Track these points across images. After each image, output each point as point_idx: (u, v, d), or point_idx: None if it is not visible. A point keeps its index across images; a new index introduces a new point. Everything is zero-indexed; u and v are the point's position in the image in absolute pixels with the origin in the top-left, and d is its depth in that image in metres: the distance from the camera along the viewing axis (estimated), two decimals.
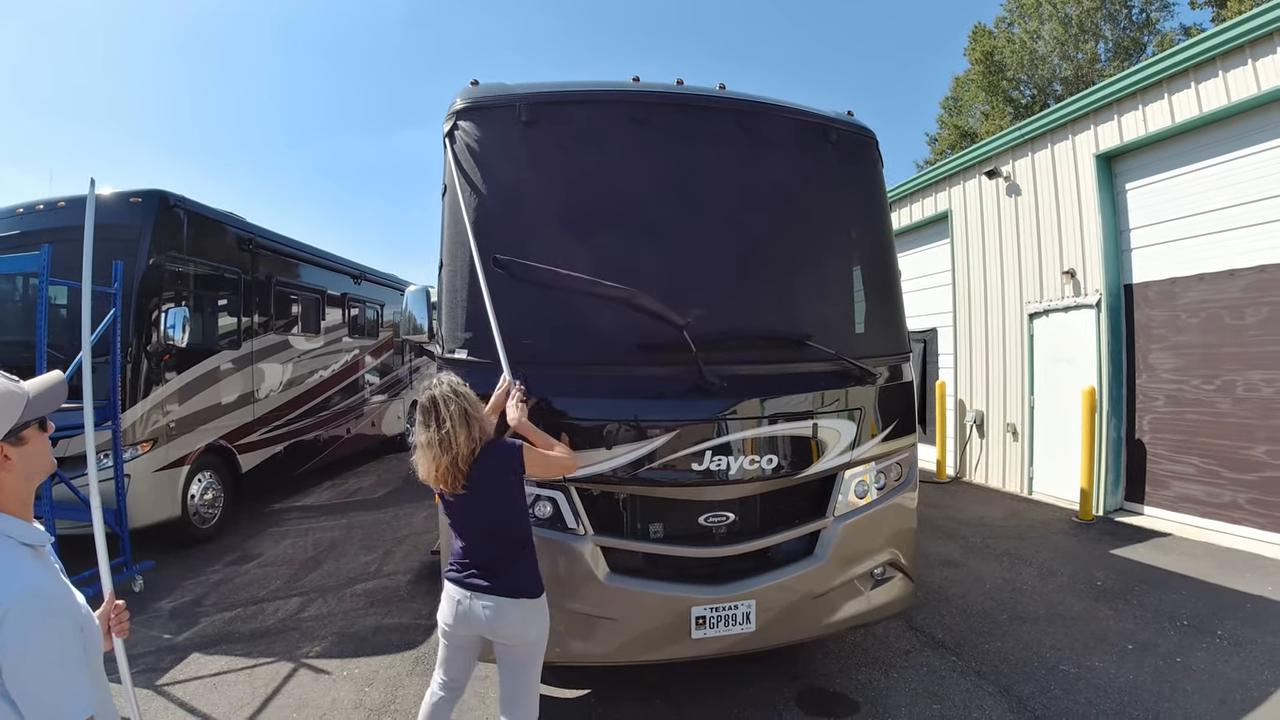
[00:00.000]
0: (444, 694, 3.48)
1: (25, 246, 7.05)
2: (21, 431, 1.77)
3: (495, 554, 3.24)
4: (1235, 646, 5.34)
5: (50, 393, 1.86)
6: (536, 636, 3.28)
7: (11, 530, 1.73)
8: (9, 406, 1.74)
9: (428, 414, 3.18)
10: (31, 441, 1.80)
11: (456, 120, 4.40)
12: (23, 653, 1.58)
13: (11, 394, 1.76)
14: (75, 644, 1.71)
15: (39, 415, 1.82)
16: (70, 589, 1.82)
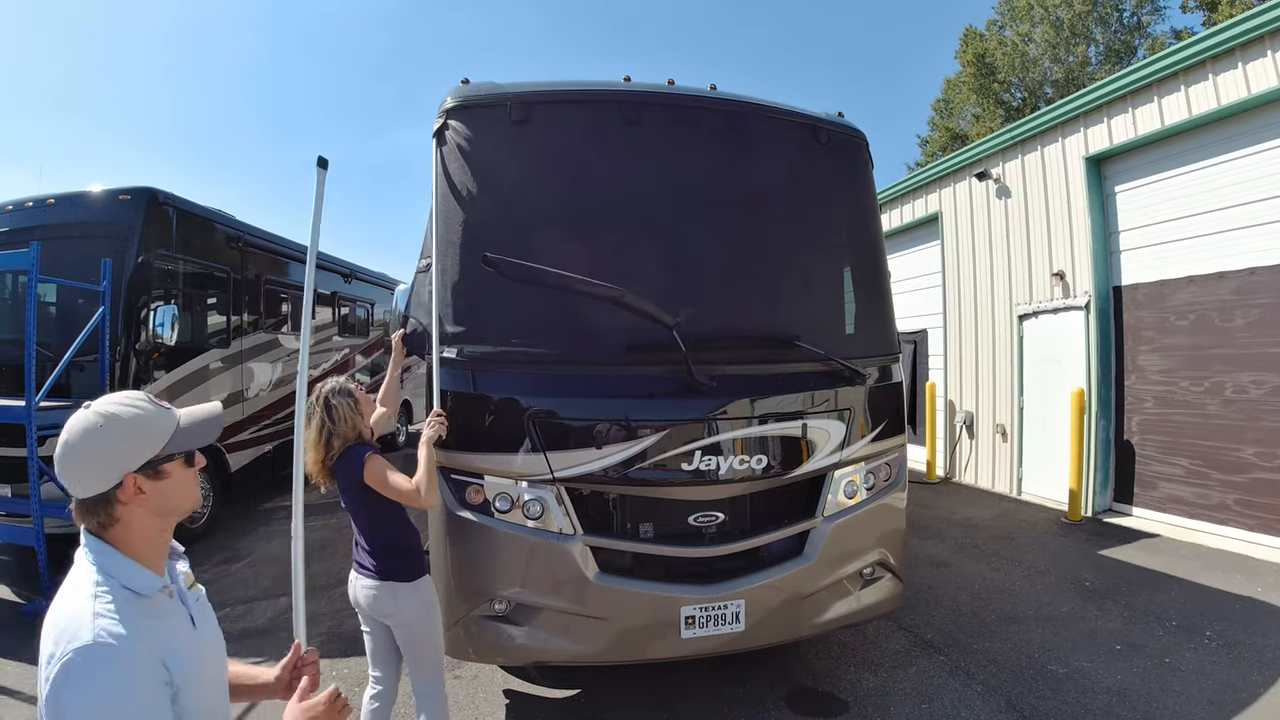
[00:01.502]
0: (380, 689, 3.63)
1: (15, 244, 7.02)
2: (163, 464, 1.62)
3: (373, 543, 3.46)
4: (1224, 647, 5.36)
5: (205, 425, 1.74)
6: (411, 619, 3.45)
7: (115, 570, 1.53)
8: (152, 435, 1.61)
9: (307, 415, 3.44)
10: (173, 476, 1.64)
11: (447, 119, 4.38)
12: (86, 708, 1.38)
13: (156, 421, 1.63)
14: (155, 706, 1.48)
15: (185, 449, 1.68)
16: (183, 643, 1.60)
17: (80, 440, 1.52)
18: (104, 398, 1.60)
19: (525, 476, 3.94)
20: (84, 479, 1.53)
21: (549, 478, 3.92)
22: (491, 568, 3.98)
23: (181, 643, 1.59)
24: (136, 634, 1.46)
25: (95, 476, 1.53)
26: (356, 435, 3.48)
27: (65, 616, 1.44)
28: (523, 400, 4.04)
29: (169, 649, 1.53)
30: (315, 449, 3.43)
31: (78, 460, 1.53)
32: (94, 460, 1.53)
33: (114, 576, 1.52)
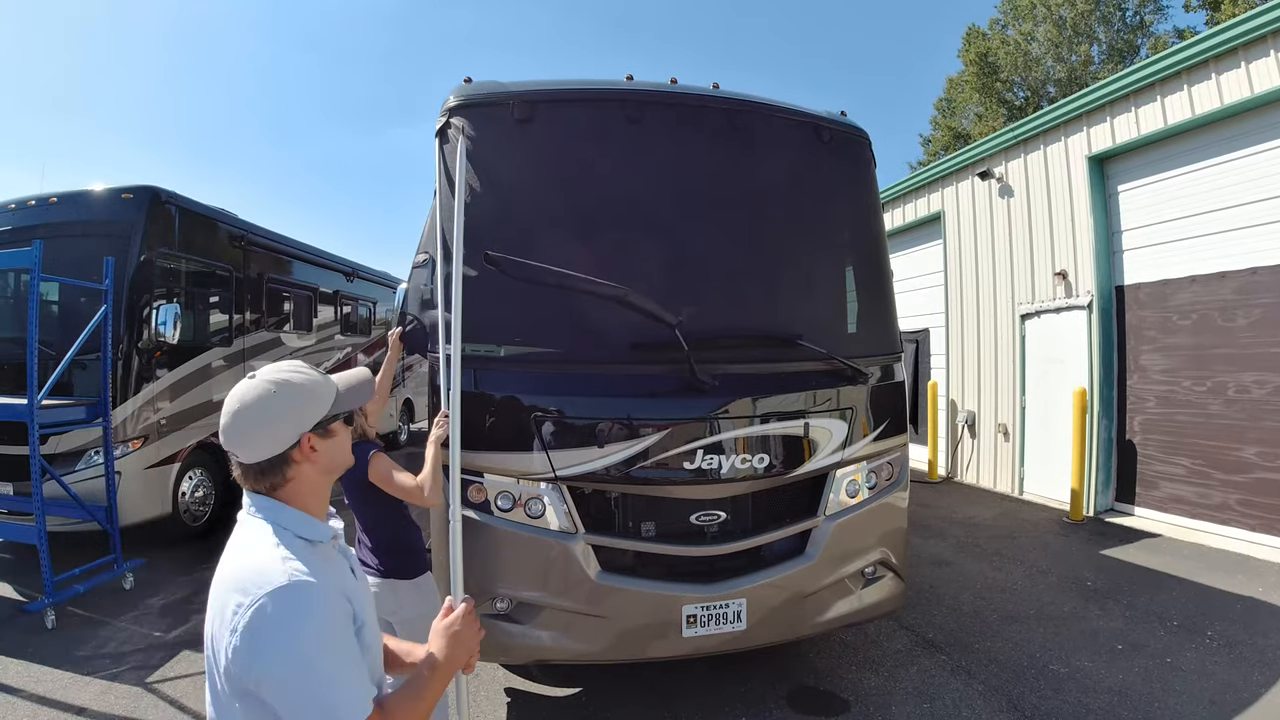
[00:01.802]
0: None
1: (17, 243, 7.03)
2: (330, 424, 1.75)
3: (375, 541, 3.52)
4: (1225, 647, 5.36)
5: (360, 387, 1.86)
6: (412, 616, 3.47)
7: (289, 523, 1.64)
8: (321, 397, 1.73)
9: None
10: (338, 435, 1.79)
11: (450, 117, 4.38)
12: (279, 652, 1.43)
13: (322, 384, 1.75)
14: (348, 638, 1.57)
15: (346, 410, 1.80)
16: (353, 587, 1.71)
17: (259, 406, 1.62)
18: (267, 368, 1.70)
19: (527, 475, 3.94)
20: (264, 442, 1.63)
21: (551, 476, 3.92)
22: (493, 566, 3.97)
23: (351, 586, 1.70)
24: (321, 573, 1.55)
25: (275, 439, 1.64)
26: (360, 434, 3.49)
27: (249, 567, 1.52)
28: (525, 399, 4.04)
29: (347, 588, 1.64)
30: None
31: (258, 425, 1.63)
32: (275, 423, 1.64)
33: (288, 529, 1.63)
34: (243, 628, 1.42)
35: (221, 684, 1.49)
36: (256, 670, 1.42)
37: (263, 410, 1.62)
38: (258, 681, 1.43)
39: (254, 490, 1.67)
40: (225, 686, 1.49)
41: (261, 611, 1.42)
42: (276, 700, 1.43)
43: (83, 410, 6.91)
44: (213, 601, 1.54)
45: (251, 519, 1.65)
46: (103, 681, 5.07)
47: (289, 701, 1.44)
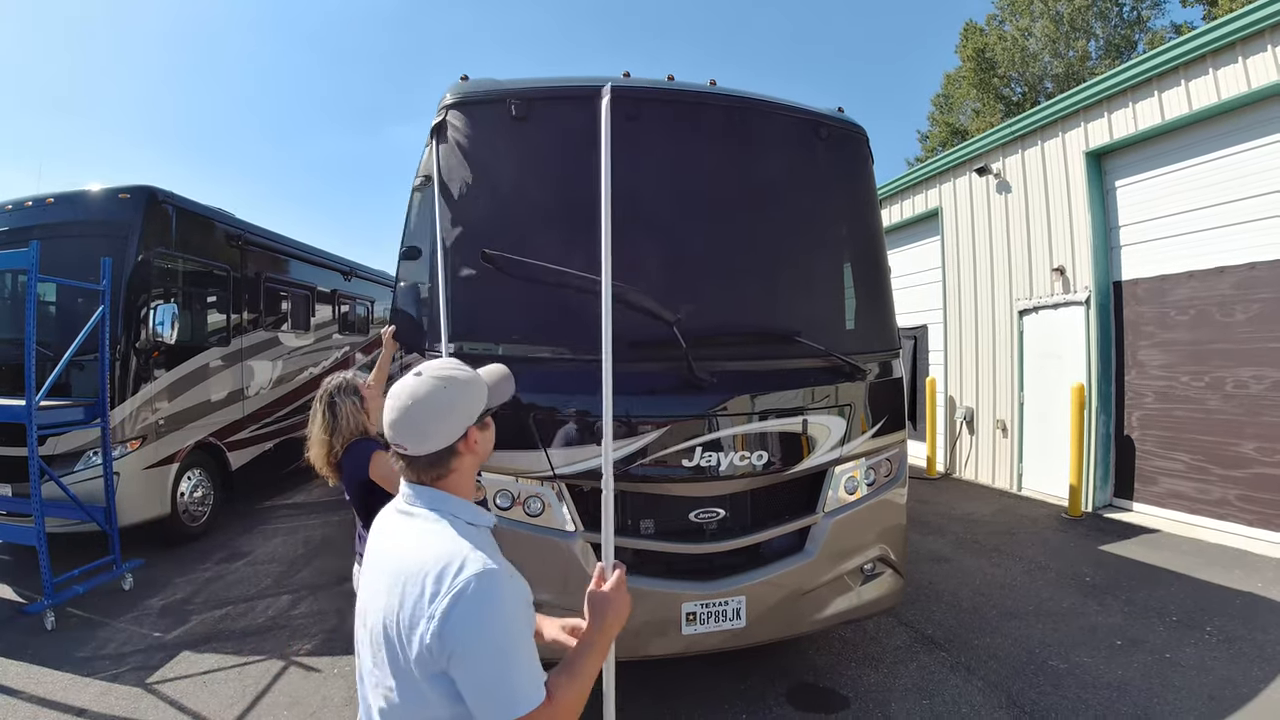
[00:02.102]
0: None
1: (14, 243, 7.02)
2: (485, 416, 1.84)
3: None
4: (1224, 643, 5.37)
5: (506, 382, 1.96)
6: None
7: (459, 512, 1.73)
8: (480, 391, 1.82)
9: (315, 408, 3.49)
10: (490, 427, 1.89)
11: (447, 115, 4.38)
12: (478, 634, 1.50)
13: (477, 379, 1.85)
14: (530, 622, 1.67)
15: (497, 404, 1.89)
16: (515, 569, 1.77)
17: (432, 400, 1.71)
18: (430, 364, 1.80)
19: (525, 473, 3.95)
20: (435, 435, 1.71)
21: (549, 474, 3.93)
22: None
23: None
24: (499, 558, 1.66)
25: (447, 432, 1.72)
26: (361, 432, 3.48)
27: (437, 556, 1.58)
28: (522, 396, 4.03)
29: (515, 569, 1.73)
30: (319, 444, 3.45)
31: (431, 419, 1.71)
32: (449, 417, 1.73)
33: (459, 517, 1.71)
34: (442, 612, 1.49)
35: (409, 667, 1.55)
36: (456, 650, 1.49)
37: (436, 405, 1.71)
38: (452, 661, 1.50)
39: (418, 482, 1.76)
40: (414, 670, 1.54)
41: (462, 596, 1.50)
42: (466, 679, 1.51)
43: (81, 411, 6.91)
44: (389, 591, 1.60)
45: (417, 509, 1.73)
46: (103, 682, 5.07)
47: (478, 681, 1.51)
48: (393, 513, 1.80)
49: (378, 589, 1.65)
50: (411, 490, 1.76)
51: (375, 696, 1.65)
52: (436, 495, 1.74)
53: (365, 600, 1.72)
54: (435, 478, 1.75)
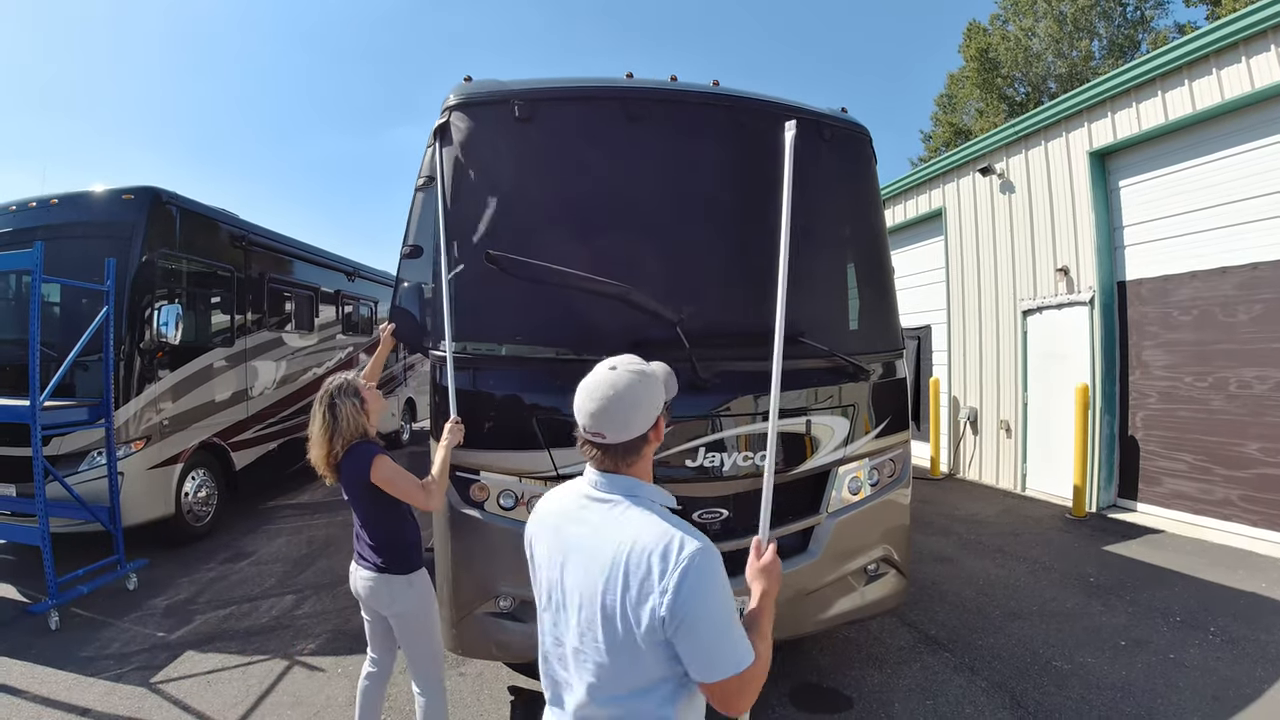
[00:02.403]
0: (374, 670, 3.80)
1: (18, 244, 7.03)
2: (665, 407, 1.96)
3: (373, 537, 3.53)
4: (1228, 643, 5.36)
5: (670, 379, 2.03)
6: (404, 610, 3.54)
7: (653, 495, 1.88)
8: (662, 383, 1.95)
9: (315, 408, 3.51)
10: (666, 416, 1.97)
11: (451, 116, 4.39)
12: (704, 604, 1.66)
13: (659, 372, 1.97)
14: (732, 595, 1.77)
15: (671, 396, 2.00)
16: None
17: (631, 392, 1.84)
18: (619, 360, 1.93)
19: (529, 474, 3.95)
20: (633, 424, 1.85)
21: (553, 474, 3.92)
22: (495, 565, 3.98)
23: None
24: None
25: (643, 420, 1.86)
26: (361, 434, 3.49)
27: (655, 536, 1.72)
28: (526, 397, 4.05)
29: None
30: (319, 445, 3.46)
31: (633, 409, 1.84)
32: (645, 407, 1.86)
33: (654, 500, 1.87)
34: (674, 587, 1.64)
35: (634, 637, 1.69)
36: (685, 619, 1.64)
37: (635, 395, 1.84)
38: (680, 629, 1.65)
39: (610, 470, 1.89)
40: (640, 640, 1.68)
41: (689, 571, 1.64)
42: (692, 644, 1.67)
43: (85, 411, 6.92)
44: (604, 573, 1.73)
45: (612, 495, 1.86)
46: (107, 682, 5.08)
47: (704, 645, 1.68)
48: (575, 497, 1.93)
49: (585, 571, 1.78)
50: (604, 477, 1.88)
51: (582, 670, 1.78)
52: (630, 481, 1.88)
53: (567, 583, 1.84)
54: (626, 464, 1.88)
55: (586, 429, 1.86)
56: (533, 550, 2.06)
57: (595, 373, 1.90)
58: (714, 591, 1.69)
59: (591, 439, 1.87)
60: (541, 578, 1.97)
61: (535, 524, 2.06)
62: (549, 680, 1.94)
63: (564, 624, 1.84)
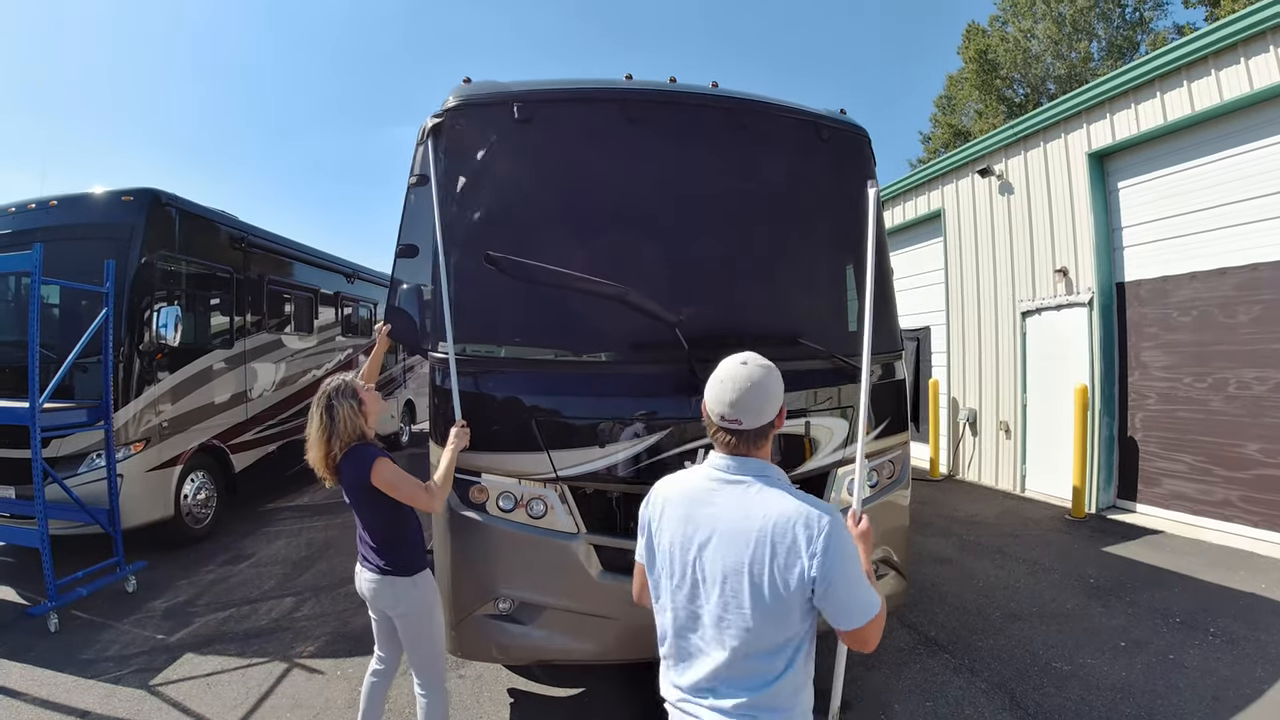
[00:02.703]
0: (380, 667, 3.84)
1: (17, 246, 7.02)
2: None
3: (375, 537, 3.54)
4: (1228, 644, 5.36)
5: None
6: (408, 611, 3.56)
7: (779, 475, 2.09)
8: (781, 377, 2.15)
9: (312, 410, 3.51)
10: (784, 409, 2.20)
11: (451, 117, 4.38)
12: (844, 564, 1.92)
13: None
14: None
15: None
16: None
17: (764, 384, 2.06)
18: (749, 355, 2.14)
19: (528, 475, 3.95)
20: (766, 412, 2.05)
21: (552, 476, 3.93)
22: (495, 567, 3.98)
23: None
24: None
25: (772, 408, 2.07)
26: (359, 436, 3.49)
27: (795, 509, 1.94)
28: (525, 399, 4.05)
29: None
30: (317, 447, 3.46)
31: (766, 399, 2.05)
32: (774, 397, 2.08)
33: (781, 478, 2.08)
34: (821, 550, 1.88)
35: (781, 599, 1.92)
36: (831, 579, 1.91)
37: (767, 387, 2.06)
38: (826, 588, 1.92)
39: (741, 454, 2.08)
40: (789, 600, 1.93)
41: (831, 537, 1.89)
42: (835, 599, 1.95)
43: (84, 413, 6.91)
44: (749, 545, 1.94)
45: (744, 477, 2.05)
46: (106, 685, 5.08)
47: (845, 599, 1.96)
48: (703, 482, 2.11)
49: (730, 547, 1.97)
50: (735, 461, 2.07)
51: (724, 636, 1.98)
52: (760, 464, 2.07)
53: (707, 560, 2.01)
54: (757, 448, 2.08)
55: (725, 417, 2.06)
56: (656, 535, 2.18)
57: (727, 368, 2.11)
58: (851, 552, 1.96)
59: (729, 426, 2.06)
60: (674, 560, 2.10)
61: (658, 510, 2.20)
62: (677, 651, 2.12)
63: (703, 598, 2.01)
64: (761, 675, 2.00)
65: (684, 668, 2.10)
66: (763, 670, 2.00)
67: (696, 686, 2.05)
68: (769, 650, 1.99)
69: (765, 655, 1.99)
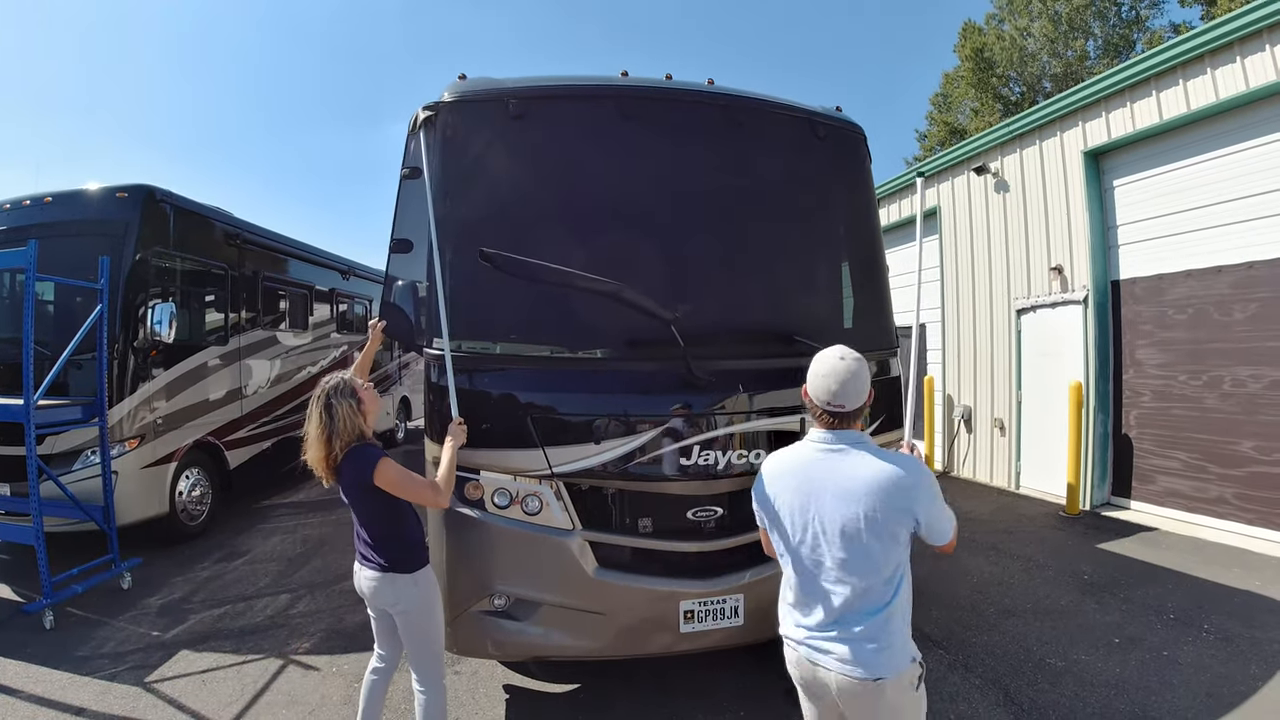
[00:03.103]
0: (381, 665, 3.81)
1: (12, 242, 7.00)
2: None
3: (374, 534, 3.54)
4: (1222, 641, 5.38)
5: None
6: (409, 608, 3.55)
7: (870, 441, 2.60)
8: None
9: (311, 409, 3.48)
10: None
11: (445, 114, 4.37)
12: (933, 496, 2.51)
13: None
14: None
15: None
16: None
17: (861, 373, 2.56)
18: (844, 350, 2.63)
19: (523, 472, 3.95)
20: (863, 396, 2.56)
21: (547, 473, 3.93)
22: (490, 563, 3.98)
23: None
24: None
25: (867, 391, 2.58)
26: (359, 435, 3.47)
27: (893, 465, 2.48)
28: (520, 396, 4.04)
29: None
30: (317, 447, 3.43)
31: (863, 385, 2.56)
32: (866, 383, 2.58)
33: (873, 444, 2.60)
34: (919, 492, 2.47)
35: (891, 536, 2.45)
36: (929, 512, 2.50)
37: (863, 376, 2.56)
38: (929, 518, 2.50)
39: (841, 428, 2.57)
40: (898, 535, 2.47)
41: (922, 479, 2.49)
42: (933, 522, 2.52)
43: (79, 410, 6.90)
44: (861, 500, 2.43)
45: (845, 446, 2.55)
46: (101, 681, 5.07)
47: (938, 519, 2.54)
48: (811, 453, 2.59)
49: (844, 502, 2.45)
50: (834, 434, 2.56)
51: (847, 575, 2.45)
52: (855, 434, 2.58)
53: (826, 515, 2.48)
54: (852, 423, 2.58)
55: (830, 403, 2.54)
56: (775, 503, 2.64)
57: (828, 362, 2.57)
58: (935, 488, 2.52)
59: (834, 410, 2.54)
60: (795, 520, 2.57)
61: (773, 482, 2.68)
62: (804, 596, 2.57)
63: (825, 546, 2.48)
64: (877, 602, 2.46)
65: (811, 609, 2.55)
66: (878, 598, 2.46)
67: (823, 623, 2.51)
68: (883, 581, 2.46)
69: (880, 586, 2.46)
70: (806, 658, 2.55)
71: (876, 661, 2.42)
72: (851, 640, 2.44)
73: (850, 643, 2.44)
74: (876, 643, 2.43)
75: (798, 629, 2.59)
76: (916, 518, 2.46)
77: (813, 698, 2.65)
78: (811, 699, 2.67)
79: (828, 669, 2.48)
